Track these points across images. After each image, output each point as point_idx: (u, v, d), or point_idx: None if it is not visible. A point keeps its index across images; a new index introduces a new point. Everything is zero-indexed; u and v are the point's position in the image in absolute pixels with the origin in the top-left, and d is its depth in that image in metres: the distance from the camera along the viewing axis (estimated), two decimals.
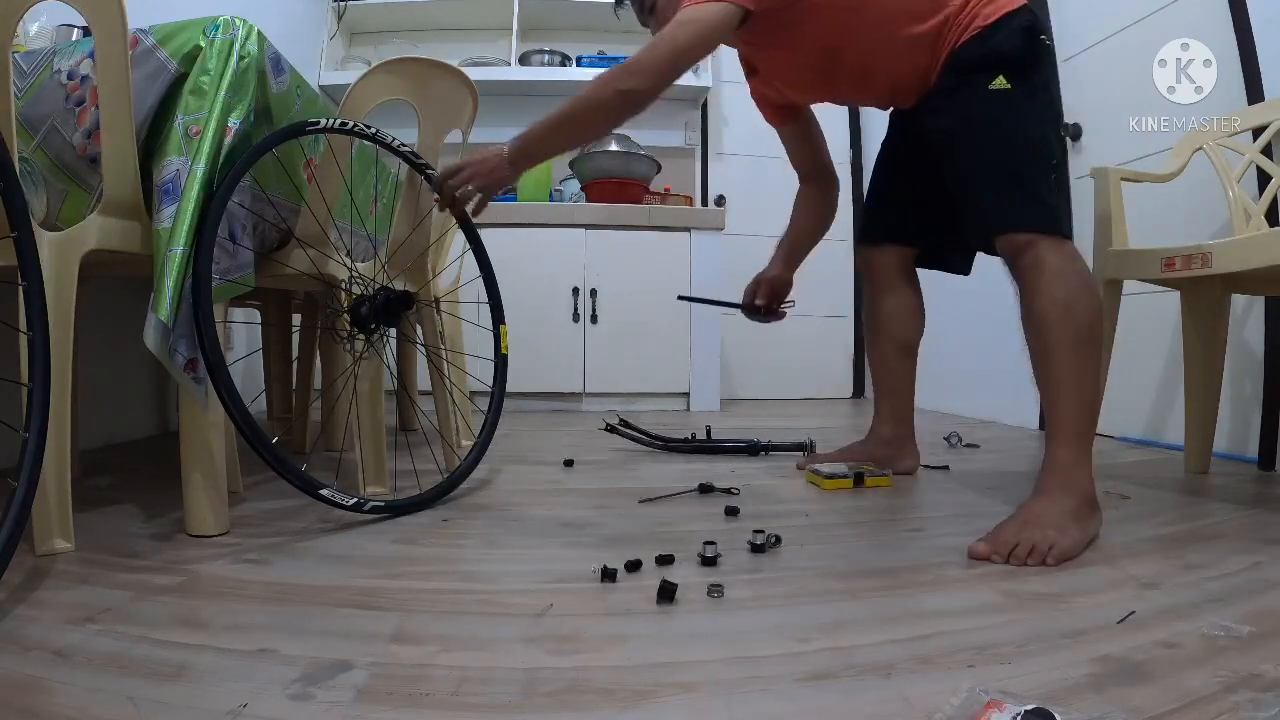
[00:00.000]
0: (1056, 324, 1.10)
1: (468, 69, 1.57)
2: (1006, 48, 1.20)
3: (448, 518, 1.22)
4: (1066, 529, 1.00)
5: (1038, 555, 0.96)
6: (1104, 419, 1.53)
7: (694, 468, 1.68)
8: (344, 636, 0.73)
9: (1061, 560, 0.97)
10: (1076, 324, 1.10)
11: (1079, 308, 1.11)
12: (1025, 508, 1.05)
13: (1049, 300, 1.11)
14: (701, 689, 0.63)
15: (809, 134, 1.63)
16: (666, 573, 0.91)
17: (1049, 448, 1.10)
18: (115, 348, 1.90)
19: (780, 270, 1.70)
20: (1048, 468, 1.09)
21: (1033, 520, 1.01)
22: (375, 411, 1.38)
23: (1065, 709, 0.56)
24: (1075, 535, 1.00)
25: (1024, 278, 1.15)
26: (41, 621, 0.74)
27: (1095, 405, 1.14)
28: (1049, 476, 1.08)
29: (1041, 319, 1.12)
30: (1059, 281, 1.12)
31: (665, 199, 3.16)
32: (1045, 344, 1.12)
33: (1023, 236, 1.15)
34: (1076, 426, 1.10)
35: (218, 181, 1.03)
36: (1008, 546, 0.98)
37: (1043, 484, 1.08)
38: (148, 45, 1.05)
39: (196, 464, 1.05)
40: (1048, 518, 1.01)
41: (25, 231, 0.81)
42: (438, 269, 1.99)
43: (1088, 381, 1.11)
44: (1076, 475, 1.07)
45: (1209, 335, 1.59)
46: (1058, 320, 1.10)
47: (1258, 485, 1.53)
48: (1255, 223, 1.63)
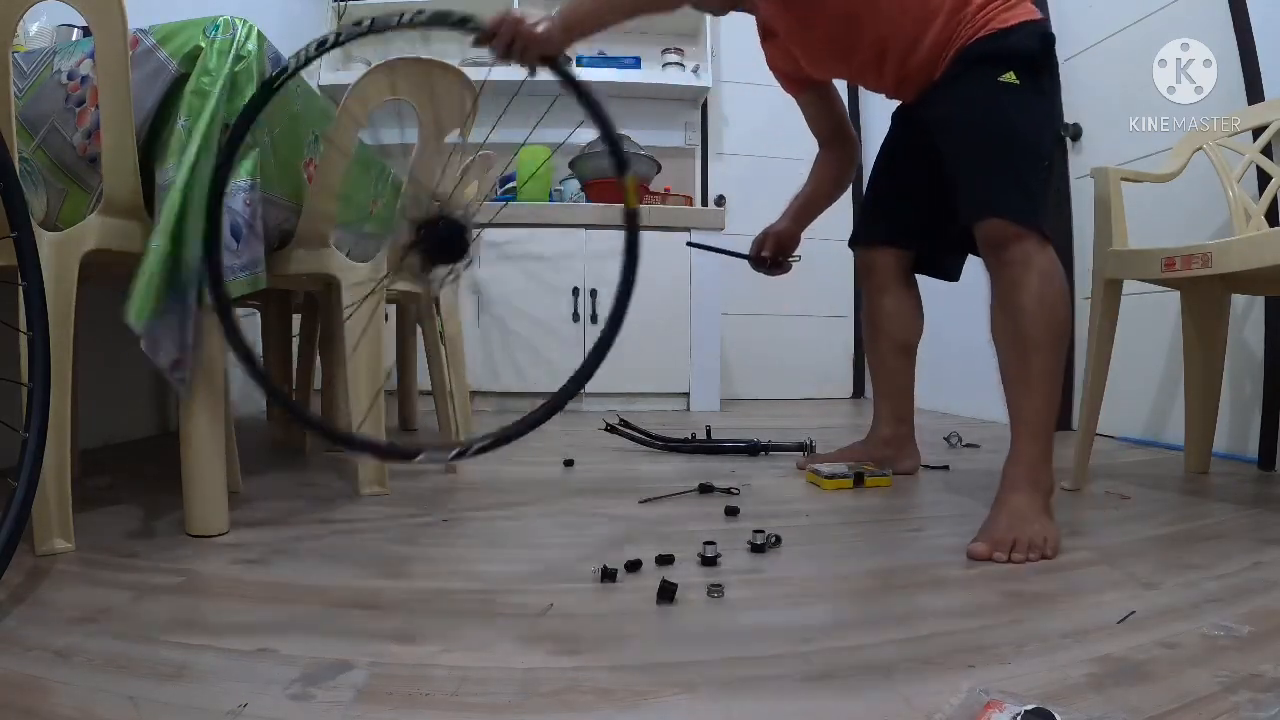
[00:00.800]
0: (1040, 322, 1.12)
1: (468, 69, 1.56)
2: (1022, 47, 1.20)
3: (448, 517, 1.22)
4: (1047, 522, 1.04)
5: (1036, 550, 0.98)
6: (1104, 419, 1.53)
7: (694, 468, 1.68)
8: (344, 636, 0.73)
9: (1057, 552, 0.99)
10: (1058, 325, 1.13)
11: (1060, 310, 1.13)
12: (1005, 503, 1.07)
13: (1035, 298, 1.12)
14: (701, 689, 0.63)
15: (827, 99, 1.61)
16: (666, 573, 0.91)
17: (1018, 443, 1.12)
18: (115, 348, 1.89)
19: (789, 224, 1.69)
20: (1017, 461, 1.11)
21: (1019, 515, 1.03)
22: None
23: (1065, 709, 0.56)
24: (1054, 528, 1.03)
25: (1008, 271, 1.15)
26: (41, 621, 0.74)
27: (1058, 404, 1.16)
28: (1020, 470, 1.10)
29: (1025, 315, 1.12)
30: (1046, 281, 1.13)
31: (665, 199, 3.16)
32: (1024, 339, 1.12)
33: (1013, 228, 1.15)
34: (1045, 423, 1.12)
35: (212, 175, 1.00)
36: (1006, 544, 0.99)
37: (1013, 478, 1.10)
38: (148, 45, 1.05)
39: (196, 464, 1.05)
40: (1031, 512, 1.04)
41: (25, 231, 0.81)
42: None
43: (1058, 382, 1.14)
44: (1043, 471, 1.10)
45: (1209, 335, 1.59)
46: (1042, 318, 1.12)
47: (1258, 485, 1.53)
48: (1255, 223, 1.63)
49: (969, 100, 1.23)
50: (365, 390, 1.35)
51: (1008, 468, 1.12)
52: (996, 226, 1.17)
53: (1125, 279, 1.47)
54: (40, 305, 0.83)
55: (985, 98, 1.21)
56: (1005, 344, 1.16)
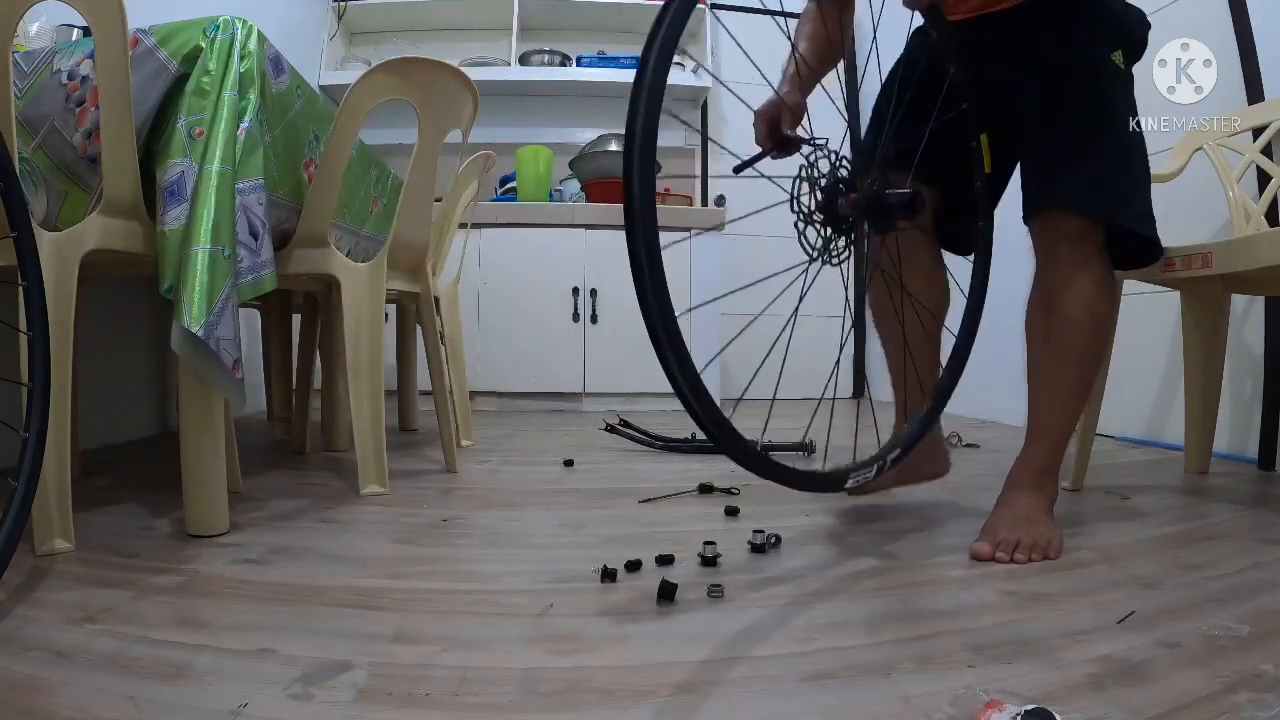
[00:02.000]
0: (1082, 331, 1.05)
1: (468, 69, 1.57)
2: (1138, 33, 1.10)
3: (448, 517, 1.22)
4: (1051, 525, 1.03)
5: (1040, 551, 0.98)
6: (1104, 419, 1.53)
7: (694, 468, 1.68)
8: (344, 636, 0.73)
9: (1060, 554, 0.99)
10: (1098, 339, 1.07)
11: (1104, 324, 1.07)
12: (1009, 504, 1.06)
13: (1082, 305, 1.04)
14: (701, 689, 0.63)
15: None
16: (666, 573, 0.91)
17: (1031, 447, 1.10)
18: (115, 348, 1.90)
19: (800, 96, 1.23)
20: (1026, 465, 1.09)
21: (1024, 517, 1.02)
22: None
23: (1065, 709, 0.56)
24: (1058, 531, 1.02)
25: (1063, 269, 1.05)
26: (41, 621, 0.74)
27: (1077, 419, 1.13)
28: (1027, 474, 1.08)
29: (1070, 321, 1.05)
30: (1101, 290, 1.05)
31: (665, 199, 3.16)
32: (1062, 346, 1.06)
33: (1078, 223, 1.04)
34: (1061, 434, 1.10)
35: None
36: (1010, 545, 0.98)
37: (1020, 479, 1.08)
38: (148, 45, 1.05)
39: (196, 464, 1.05)
40: (1035, 514, 1.03)
41: (25, 231, 0.81)
42: (438, 267, 1.99)
43: (1084, 396, 1.11)
44: (1050, 477, 1.09)
45: (1209, 335, 1.59)
46: (1085, 328, 1.05)
47: (1258, 485, 1.53)
48: (1255, 223, 1.63)
49: (1087, 69, 1.05)
50: (366, 390, 1.35)
51: (1016, 470, 1.10)
52: (1068, 220, 1.05)
53: (1125, 279, 1.47)
54: (40, 305, 0.83)
55: (1091, 69, 1.04)
56: (1041, 345, 1.09)
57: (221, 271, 1.01)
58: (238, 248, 1.05)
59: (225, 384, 1.04)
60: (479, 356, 2.77)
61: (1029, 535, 0.99)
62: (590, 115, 3.36)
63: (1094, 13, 1.07)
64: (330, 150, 1.28)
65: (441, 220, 1.96)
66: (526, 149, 3.03)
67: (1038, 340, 1.10)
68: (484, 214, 2.77)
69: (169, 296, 1.01)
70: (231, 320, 1.02)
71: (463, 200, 2.07)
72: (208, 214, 1.01)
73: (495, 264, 2.86)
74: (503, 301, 2.85)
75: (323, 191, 1.30)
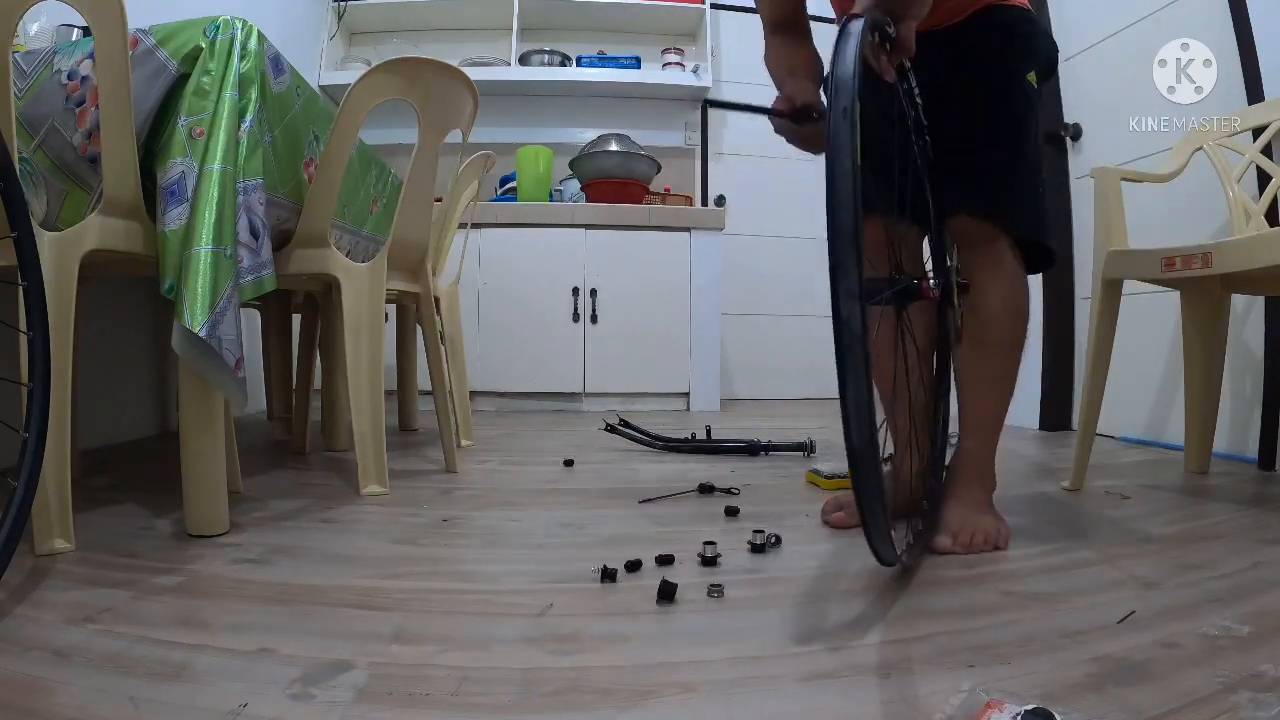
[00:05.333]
0: (1006, 326, 1.12)
1: (468, 69, 1.56)
2: (1047, 55, 1.17)
3: (448, 517, 1.22)
4: (997, 515, 1.09)
5: (990, 541, 1.03)
6: (1104, 419, 1.53)
7: (694, 468, 1.68)
8: (344, 636, 0.73)
9: (1008, 544, 1.04)
10: (1021, 330, 1.14)
11: (1024, 315, 1.13)
12: (958, 498, 1.10)
13: (1002, 302, 1.11)
14: (701, 689, 0.63)
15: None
16: (666, 573, 0.91)
17: (967, 441, 1.14)
18: (115, 348, 1.90)
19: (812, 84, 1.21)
20: (966, 460, 1.13)
21: (972, 509, 1.07)
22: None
23: (1065, 709, 0.56)
24: (1004, 522, 1.08)
25: (978, 271, 1.11)
26: (41, 621, 0.74)
27: (1007, 408, 1.17)
28: (969, 468, 1.13)
29: (992, 318, 1.12)
30: (1015, 286, 1.12)
31: (665, 199, 3.16)
32: (988, 342, 1.13)
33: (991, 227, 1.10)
34: (997, 425, 1.15)
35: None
36: (966, 536, 1.03)
37: (964, 474, 1.13)
38: (148, 45, 1.06)
39: (196, 464, 1.05)
40: (982, 506, 1.10)
41: (25, 231, 0.81)
42: (438, 267, 1.99)
43: (1011, 387, 1.15)
44: (989, 469, 1.14)
45: (1209, 335, 1.59)
46: (1008, 322, 1.12)
47: (1258, 485, 1.53)
48: (1255, 223, 1.63)
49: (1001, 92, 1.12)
50: (366, 390, 1.35)
51: (956, 464, 1.14)
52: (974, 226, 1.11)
53: (1125, 279, 1.47)
54: (40, 305, 0.83)
55: (1007, 90, 1.12)
56: (966, 343, 1.14)
57: (223, 271, 1.01)
58: (239, 248, 1.05)
59: (227, 384, 1.04)
60: (479, 356, 2.77)
61: (979, 526, 1.04)
62: (590, 115, 3.36)
63: (1017, 35, 1.14)
64: (330, 150, 1.28)
65: (442, 220, 1.96)
66: (526, 149, 3.03)
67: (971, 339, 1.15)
68: (484, 214, 2.77)
69: (170, 296, 1.01)
70: (233, 320, 1.02)
71: (463, 200, 2.07)
72: (209, 214, 1.01)
73: (495, 264, 2.86)
74: (503, 301, 2.85)
75: (323, 191, 1.30)
